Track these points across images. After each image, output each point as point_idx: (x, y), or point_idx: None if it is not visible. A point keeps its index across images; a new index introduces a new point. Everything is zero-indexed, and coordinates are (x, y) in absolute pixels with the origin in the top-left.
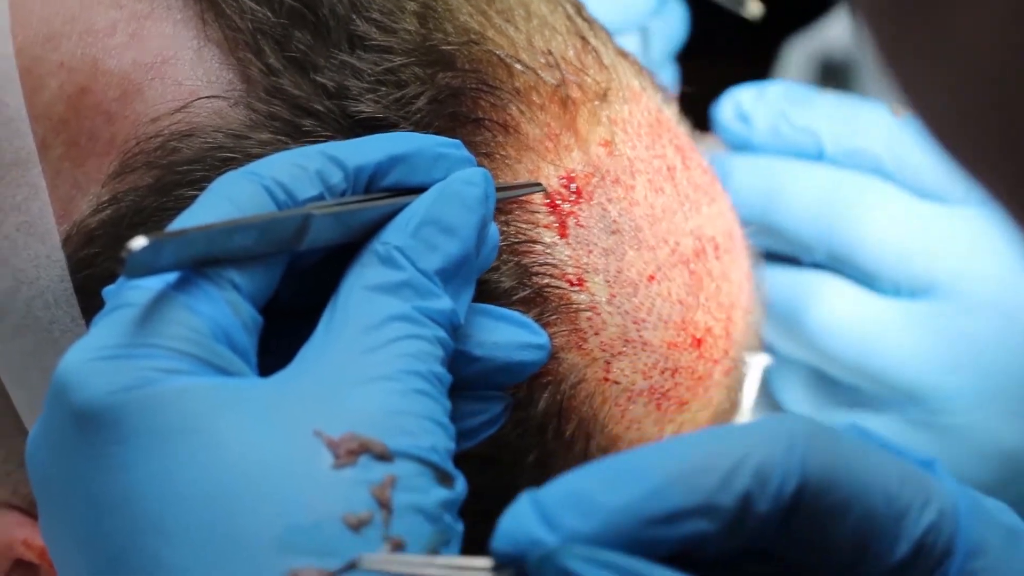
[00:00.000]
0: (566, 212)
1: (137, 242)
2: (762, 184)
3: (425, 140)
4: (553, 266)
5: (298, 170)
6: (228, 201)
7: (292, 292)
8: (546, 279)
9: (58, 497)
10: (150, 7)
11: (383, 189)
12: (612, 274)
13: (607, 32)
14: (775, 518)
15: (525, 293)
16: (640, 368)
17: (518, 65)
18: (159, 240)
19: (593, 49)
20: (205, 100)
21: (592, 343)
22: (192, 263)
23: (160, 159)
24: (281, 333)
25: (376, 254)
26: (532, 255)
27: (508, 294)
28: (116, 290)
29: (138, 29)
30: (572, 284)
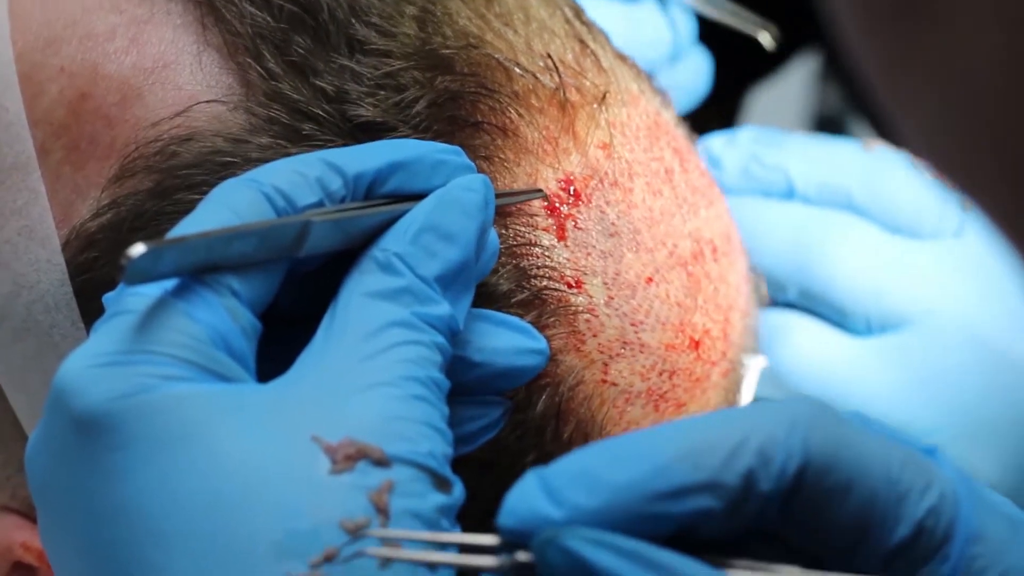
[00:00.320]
0: (564, 215)
1: (137, 249)
2: None
3: (425, 147)
4: (551, 268)
5: (298, 177)
6: (228, 208)
7: (291, 299)
8: (544, 281)
9: (57, 503)
10: (150, 12)
11: (383, 196)
12: (610, 276)
13: (605, 35)
14: (777, 498)
15: (523, 295)
16: (638, 370)
17: (517, 69)
18: (159, 247)
19: (592, 52)
20: (205, 104)
21: (590, 345)
22: (191, 270)
23: (160, 163)
24: (280, 340)
25: (375, 260)
26: (530, 257)
27: (506, 296)
28: (116, 297)
29: (138, 34)
30: (570, 286)
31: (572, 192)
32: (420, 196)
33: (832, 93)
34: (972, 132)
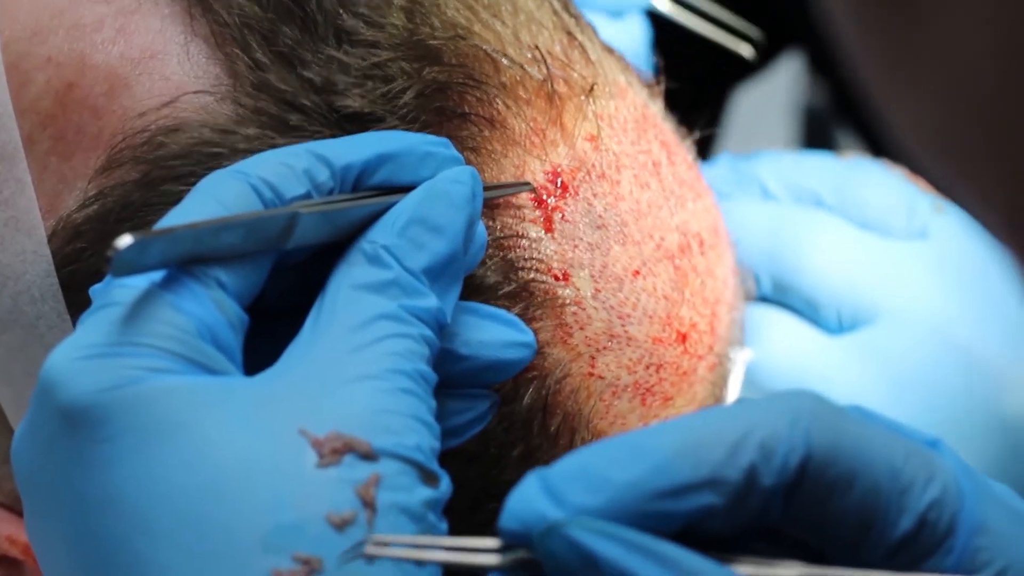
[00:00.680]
0: (552, 207)
1: (123, 240)
2: None
3: (413, 139)
4: (539, 260)
5: (285, 168)
6: (215, 200)
7: (279, 291)
8: (531, 274)
9: (43, 495)
10: (137, 2)
11: (371, 188)
12: (597, 269)
13: (593, 28)
14: (780, 492)
15: (510, 288)
16: (625, 363)
17: (504, 60)
18: (145, 238)
19: (579, 44)
20: (192, 95)
21: (577, 338)
22: (179, 261)
23: (147, 154)
24: (268, 332)
25: (363, 253)
26: (518, 249)
27: (493, 289)
28: (103, 288)
29: (125, 24)
30: (557, 279)
31: (559, 184)
32: (408, 188)
33: (819, 91)
34: (965, 130)
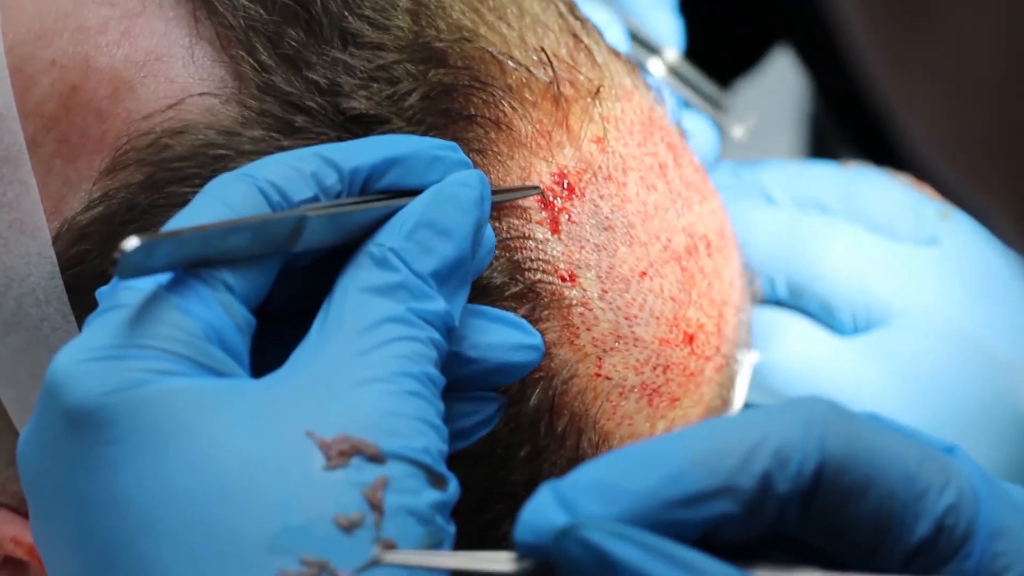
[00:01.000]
0: (558, 208)
1: (130, 242)
2: None
3: (421, 142)
4: (545, 262)
5: (293, 172)
6: (222, 203)
7: (286, 294)
8: (538, 275)
9: (49, 497)
10: (142, 5)
11: (378, 191)
12: (604, 270)
13: (599, 31)
14: (796, 499)
15: (517, 289)
16: (632, 364)
17: (510, 62)
18: (152, 240)
19: (585, 47)
20: (197, 97)
21: (584, 339)
22: (186, 264)
23: (152, 156)
24: (275, 335)
25: (371, 256)
26: (524, 251)
27: (500, 290)
28: (109, 291)
29: (130, 27)
30: (564, 280)
31: (566, 186)
32: (416, 192)
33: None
34: (976, 128)
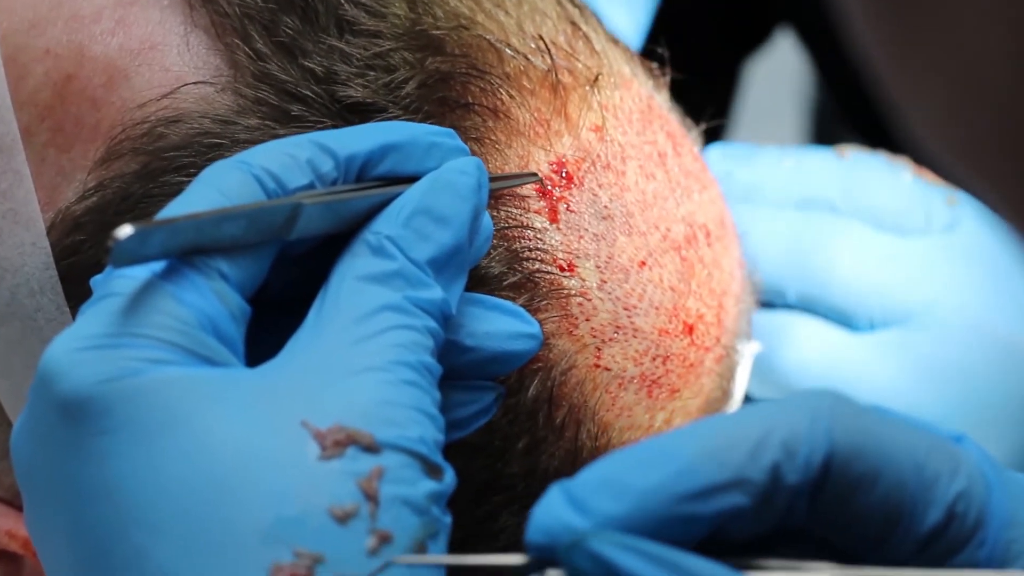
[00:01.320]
0: (557, 197)
1: (124, 230)
2: None
3: (418, 129)
4: (544, 251)
5: (288, 159)
6: (217, 190)
7: (282, 282)
8: (536, 264)
9: (43, 488)
10: None
11: (375, 178)
12: (603, 260)
13: (597, 18)
14: (805, 491)
15: (515, 278)
16: (631, 355)
17: (508, 50)
18: (146, 229)
19: (584, 35)
20: (192, 86)
21: (583, 329)
22: (180, 252)
23: (146, 145)
24: (271, 323)
25: (367, 244)
26: (523, 240)
27: (498, 279)
28: (103, 279)
29: (124, 15)
30: (563, 269)
31: (564, 175)
32: (413, 179)
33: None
34: (979, 121)
